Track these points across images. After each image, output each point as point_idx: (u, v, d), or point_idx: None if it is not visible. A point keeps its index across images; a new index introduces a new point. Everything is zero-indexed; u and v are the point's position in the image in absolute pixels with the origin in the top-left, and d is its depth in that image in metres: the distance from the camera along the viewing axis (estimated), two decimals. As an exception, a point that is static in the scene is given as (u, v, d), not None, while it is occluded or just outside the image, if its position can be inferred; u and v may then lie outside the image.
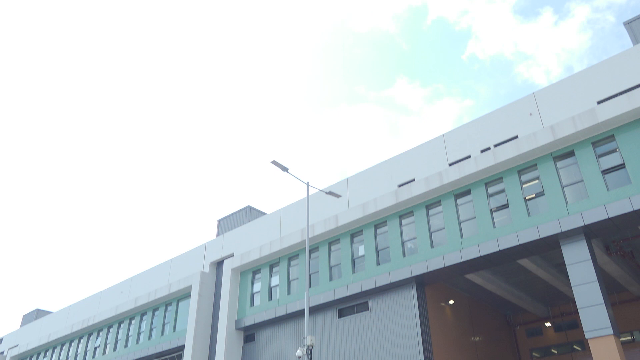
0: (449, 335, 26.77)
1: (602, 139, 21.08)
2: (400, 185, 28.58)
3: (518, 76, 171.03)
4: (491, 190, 23.64)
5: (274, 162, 21.63)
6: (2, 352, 55.48)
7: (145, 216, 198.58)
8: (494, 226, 22.68)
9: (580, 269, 20.23)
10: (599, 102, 23.26)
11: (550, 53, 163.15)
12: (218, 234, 40.97)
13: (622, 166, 20.24)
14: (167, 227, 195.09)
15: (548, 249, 22.12)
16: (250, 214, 39.99)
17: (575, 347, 32.38)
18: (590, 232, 20.70)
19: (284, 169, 21.92)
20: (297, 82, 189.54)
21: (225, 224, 41.15)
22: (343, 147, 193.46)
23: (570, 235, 20.74)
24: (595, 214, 19.89)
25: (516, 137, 25.25)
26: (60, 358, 45.97)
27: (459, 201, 24.52)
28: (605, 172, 20.56)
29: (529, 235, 21.34)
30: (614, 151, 20.69)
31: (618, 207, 19.43)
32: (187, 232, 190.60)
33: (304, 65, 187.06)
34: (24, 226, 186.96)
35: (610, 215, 19.52)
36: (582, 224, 20.08)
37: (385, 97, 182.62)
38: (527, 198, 22.26)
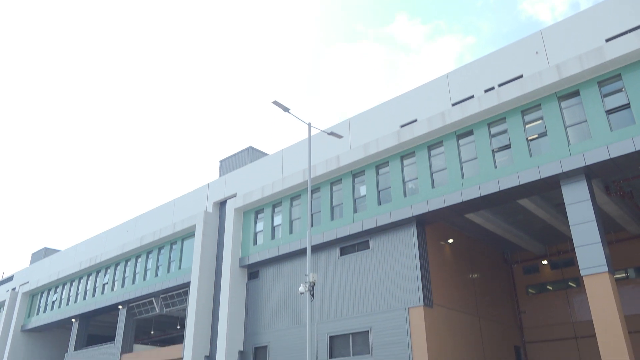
0: (448, 272, 27.44)
1: (608, 78, 20.71)
2: (402, 126, 28.41)
3: (522, 12, 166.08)
4: (494, 130, 23.51)
5: (275, 103, 21.36)
6: (14, 288, 57.24)
7: (149, 157, 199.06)
8: (495, 166, 22.72)
9: (579, 209, 20.44)
10: (607, 40, 22.70)
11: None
12: (220, 175, 41.17)
13: (627, 106, 19.99)
14: (170, 167, 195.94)
15: (548, 189, 22.26)
16: (252, 154, 40.01)
17: (570, 284, 33.22)
18: (591, 173, 20.75)
19: (285, 109, 21.68)
20: (295, 18, 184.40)
21: (227, 165, 41.27)
22: (343, 87, 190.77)
23: (570, 175, 20.80)
24: (597, 155, 19.86)
25: (521, 76, 24.84)
26: (70, 294, 47.46)
27: (461, 142, 24.45)
28: (609, 112, 20.34)
29: (529, 175, 21.41)
30: (619, 91, 20.38)
31: (620, 147, 19.35)
32: (190, 172, 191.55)
33: (302, 0, 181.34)
34: (31, 169, 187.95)
35: (612, 156, 19.48)
36: (584, 164, 20.08)
37: (384, 34, 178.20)
38: (529, 138, 22.17)
